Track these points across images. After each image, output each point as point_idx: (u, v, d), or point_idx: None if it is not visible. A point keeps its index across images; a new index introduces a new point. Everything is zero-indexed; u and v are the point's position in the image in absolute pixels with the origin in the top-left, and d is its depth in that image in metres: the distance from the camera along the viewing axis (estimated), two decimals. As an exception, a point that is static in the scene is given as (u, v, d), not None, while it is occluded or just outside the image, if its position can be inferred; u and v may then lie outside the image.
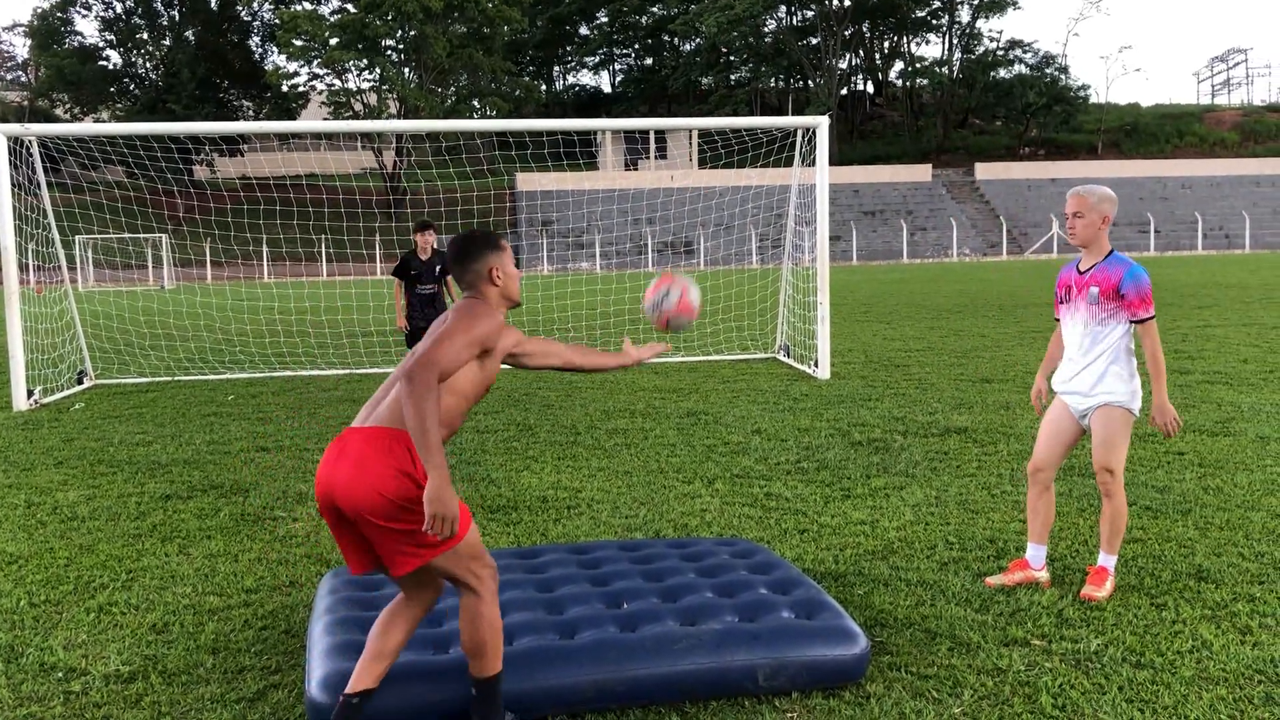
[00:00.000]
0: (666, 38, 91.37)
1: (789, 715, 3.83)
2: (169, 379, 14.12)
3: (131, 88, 76.63)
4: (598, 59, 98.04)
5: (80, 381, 13.69)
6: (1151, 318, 4.81)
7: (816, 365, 12.73)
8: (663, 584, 4.51)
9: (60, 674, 4.34)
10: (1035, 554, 5.13)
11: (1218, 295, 24.28)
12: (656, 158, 71.08)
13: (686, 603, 4.28)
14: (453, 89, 72.83)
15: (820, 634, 4.01)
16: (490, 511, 6.72)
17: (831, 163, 11.08)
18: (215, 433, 9.88)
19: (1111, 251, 4.93)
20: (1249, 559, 5.42)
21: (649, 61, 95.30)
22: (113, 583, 5.49)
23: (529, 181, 64.40)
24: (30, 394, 11.88)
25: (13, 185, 11.98)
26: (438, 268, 11.02)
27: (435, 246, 11.14)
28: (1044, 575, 5.10)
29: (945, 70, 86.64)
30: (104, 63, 76.09)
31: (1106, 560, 4.99)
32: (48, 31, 74.34)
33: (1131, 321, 4.82)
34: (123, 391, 13.06)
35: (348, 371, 14.57)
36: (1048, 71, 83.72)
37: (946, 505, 6.59)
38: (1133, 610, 4.74)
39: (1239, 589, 4.98)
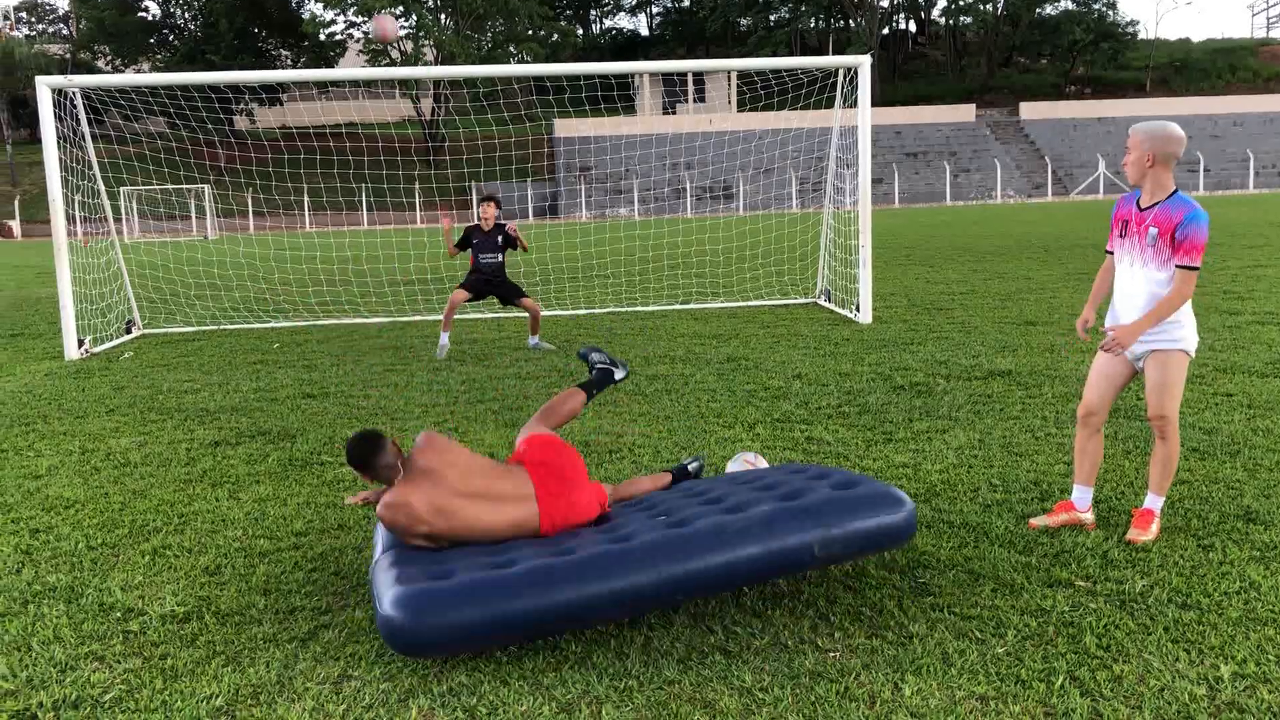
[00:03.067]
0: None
1: (831, 654, 3.86)
2: (215, 328, 14.31)
3: (170, 39, 76.83)
4: (634, 1, 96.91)
5: (129, 331, 13.90)
6: (1194, 269, 4.64)
7: (858, 309, 12.65)
8: (710, 494, 4.69)
9: (119, 614, 4.46)
10: (1081, 496, 5.10)
11: (1269, 234, 23.78)
12: (695, 101, 70.40)
13: (733, 501, 4.42)
14: (489, 34, 72.32)
15: (866, 501, 4.18)
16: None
17: (873, 104, 10.94)
18: (262, 380, 10.02)
19: (1175, 191, 4.75)
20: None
21: (686, 3, 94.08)
22: (166, 526, 5.62)
23: (567, 127, 64.07)
24: (81, 343, 12.08)
25: (58, 137, 12.10)
26: (499, 238, 11.23)
27: (497, 218, 11.37)
28: (1089, 517, 5.08)
29: (989, 7, 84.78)
30: (143, 14, 76.28)
31: (1154, 502, 4.95)
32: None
33: (1177, 265, 4.67)
34: (170, 340, 13.25)
35: (390, 319, 14.68)
36: (1095, 7, 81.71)
37: (990, 448, 6.56)
38: (1179, 552, 4.71)
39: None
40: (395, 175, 55.33)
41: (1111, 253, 5.01)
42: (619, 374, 5.44)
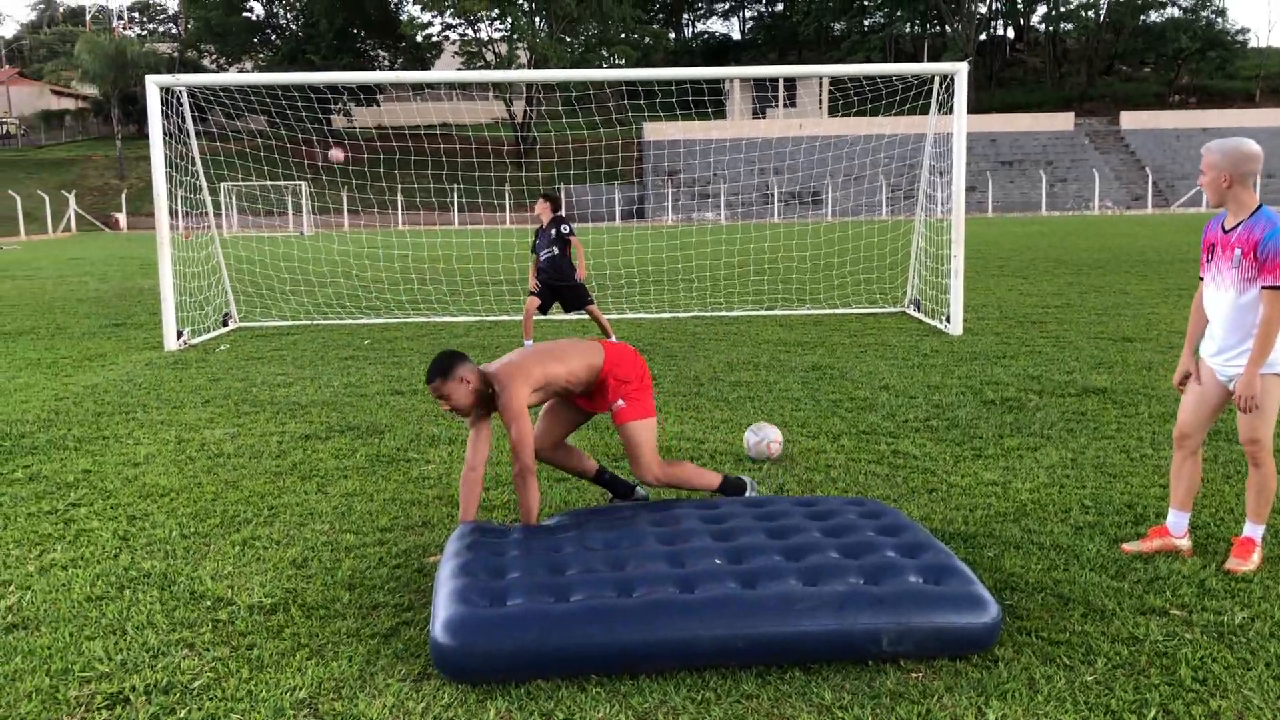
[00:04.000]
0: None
1: (914, 675, 3.79)
2: (308, 323, 14.62)
3: (273, 38, 78.83)
4: (727, 5, 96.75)
5: (225, 323, 14.27)
6: None
7: (948, 320, 12.43)
8: (787, 542, 4.47)
9: (209, 602, 4.57)
10: (1176, 521, 4.93)
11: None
12: (785, 106, 69.96)
13: (810, 562, 4.23)
14: (582, 38, 72.82)
15: (949, 600, 3.92)
16: (615, 460, 6.79)
17: (969, 111, 10.67)
18: (352, 375, 10.20)
19: (1259, 207, 4.56)
20: None
21: (779, 7, 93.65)
22: (256, 518, 5.74)
23: (656, 131, 64.16)
24: (180, 334, 12.44)
25: (163, 134, 12.47)
26: (553, 232, 11.50)
27: (553, 211, 11.66)
28: (1185, 543, 4.91)
29: (1091, 14, 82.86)
30: (248, 14, 78.41)
31: (1253, 530, 4.77)
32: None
33: (1262, 286, 4.46)
34: (264, 334, 13.58)
35: (478, 318, 14.85)
36: (1203, 14, 79.34)
37: (1083, 468, 6.39)
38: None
39: None
40: (486, 176, 56.00)
41: (1204, 279, 4.84)
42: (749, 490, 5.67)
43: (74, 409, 8.79)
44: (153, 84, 12.26)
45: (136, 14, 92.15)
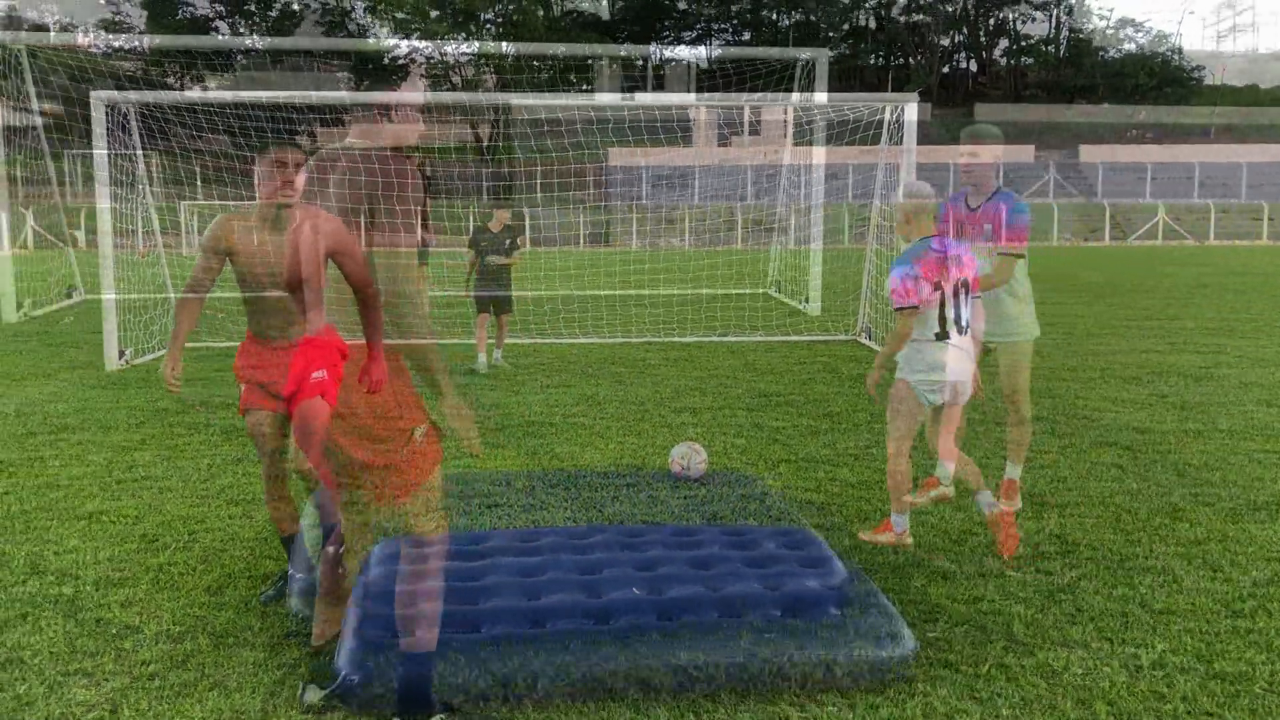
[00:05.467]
0: (765, 14, 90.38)
1: (829, 709, 3.73)
2: (256, 344, 14.40)
3: (239, 58, 78.37)
4: (695, 34, 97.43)
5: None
6: (897, 310, 5.25)
7: (897, 349, 12.46)
8: (708, 572, 4.42)
9: (115, 630, 4.44)
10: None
11: (1331, 287, 23.19)
12: (750, 134, 70.43)
13: (729, 592, 4.17)
14: (549, 62, 72.98)
15: (867, 632, 3.89)
16: (550, 486, 6.70)
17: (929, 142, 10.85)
18: (293, 398, 10.03)
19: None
20: (1224, 500, 5.86)
21: (747, 37, 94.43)
22: (175, 542, 5.61)
23: (620, 156, 64.36)
24: (122, 354, 12.23)
25: (111, 151, 12.29)
26: (507, 242, 11.83)
27: (509, 222, 11.99)
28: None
29: (1052, 49, 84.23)
30: (215, 33, 77.98)
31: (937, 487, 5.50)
32: (161, 1, 76.44)
33: None
34: (209, 355, 13.38)
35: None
36: (1160, 52, 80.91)
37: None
38: (1107, 546, 5.05)
39: (1213, 528, 5.35)
40: (450, 198, 55.84)
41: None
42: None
43: None
44: (98, 100, 12.10)
45: (102, 30, 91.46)
